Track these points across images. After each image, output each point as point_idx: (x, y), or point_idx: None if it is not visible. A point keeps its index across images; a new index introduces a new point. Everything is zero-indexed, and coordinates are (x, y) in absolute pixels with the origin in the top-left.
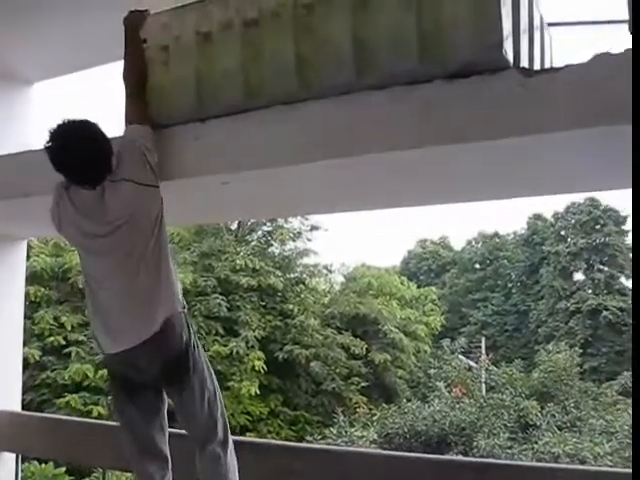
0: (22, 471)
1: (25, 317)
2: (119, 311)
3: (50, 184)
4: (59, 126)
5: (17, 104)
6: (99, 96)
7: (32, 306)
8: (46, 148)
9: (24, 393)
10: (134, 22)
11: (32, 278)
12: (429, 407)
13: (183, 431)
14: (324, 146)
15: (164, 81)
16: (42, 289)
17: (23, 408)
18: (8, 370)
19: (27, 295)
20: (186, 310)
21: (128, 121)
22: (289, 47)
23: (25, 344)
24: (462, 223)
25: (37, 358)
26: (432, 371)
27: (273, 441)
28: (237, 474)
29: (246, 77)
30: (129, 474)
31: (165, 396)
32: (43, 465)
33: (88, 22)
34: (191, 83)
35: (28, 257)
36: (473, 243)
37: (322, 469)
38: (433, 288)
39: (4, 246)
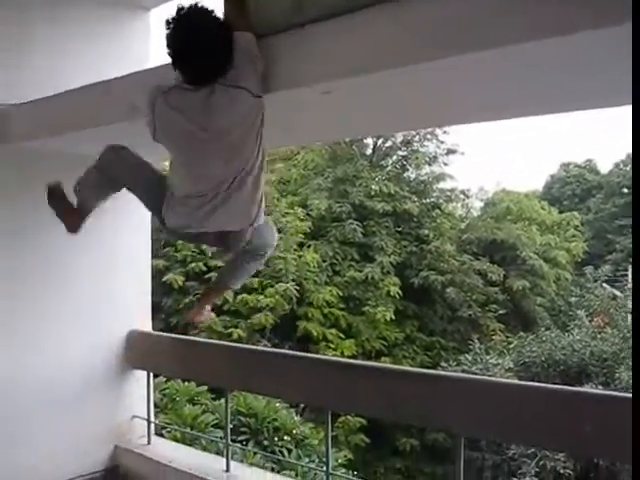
0: (167, 388)
1: (169, 244)
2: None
3: None
4: (179, 12)
5: (136, 29)
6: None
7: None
8: (166, 37)
9: (169, 316)
10: None
11: None
12: (569, 336)
13: None
14: (436, 44)
15: None
16: None
17: (169, 330)
18: (139, 292)
19: None
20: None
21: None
22: None
23: (169, 270)
24: (609, 145)
25: (180, 284)
26: (573, 299)
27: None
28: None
29: None
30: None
31: None
32: (187, 383)
33: None
34: None
35: None
36: (621, 166)
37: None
38: (576, 213)
39: None
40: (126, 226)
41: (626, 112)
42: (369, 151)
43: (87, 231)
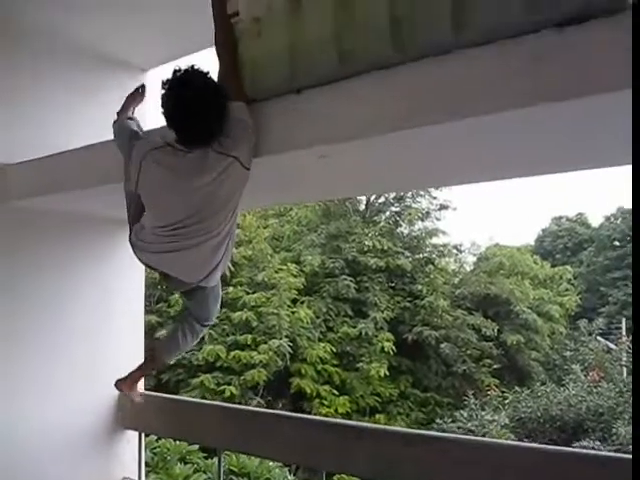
0: (158, 447)
1: (162, 300)
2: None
3: None
4: (175, 73)
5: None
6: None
7: (168, 290)
8: (161, 97)
9: (161, 373)
10: None
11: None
12: (564, 391)
13: None
14: (425, 111)
15: (257, 53)
16: None
17: (160, 387)
18: (132, 350)
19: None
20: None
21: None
22: (383, 7)
23: (162, 326)
24: (599, 199)
25: None
26: (568, 353)
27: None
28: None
29: (339, 43)
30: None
31: None
32: (177, 442)
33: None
34: (284, 53)
35: None
36: (612, 219)
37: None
38: (568, 267)
39: (124, 229)
40: (120, 284)
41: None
42: (362, 207)
43: (81, 290)
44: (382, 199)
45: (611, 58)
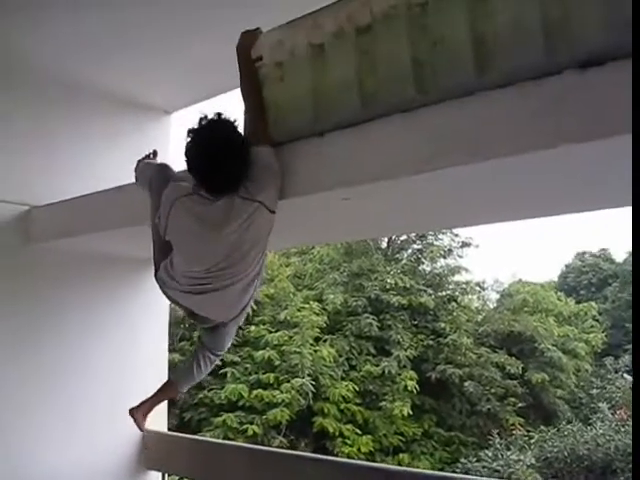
0: None
1: (184, 339)
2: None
3: None
4: (201, 122)
5: (158, 133)
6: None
7: (191, 327)
8: (185, 146)
9: (184, 412)
10: (245, 42)
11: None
12: (592, 430)
13: None
14: (447, 152)
15: (280, 97)
16: None
17: (183, 426)
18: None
19: (185, 318)
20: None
21: (250, 141)
22: (404, 50)
23: None
24: (623, 233)
25: None
26: (594, 391)
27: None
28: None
29: (362, 86)
30: None
31: None
32: None
33: (216, 48)
34: (307, 97)
35: None
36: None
37: None
38: (593, 303)
39: (148, 269)
40: (144, 323)
41: None
42: (384, 245)
43: (105, 329)
44: (404, 237)
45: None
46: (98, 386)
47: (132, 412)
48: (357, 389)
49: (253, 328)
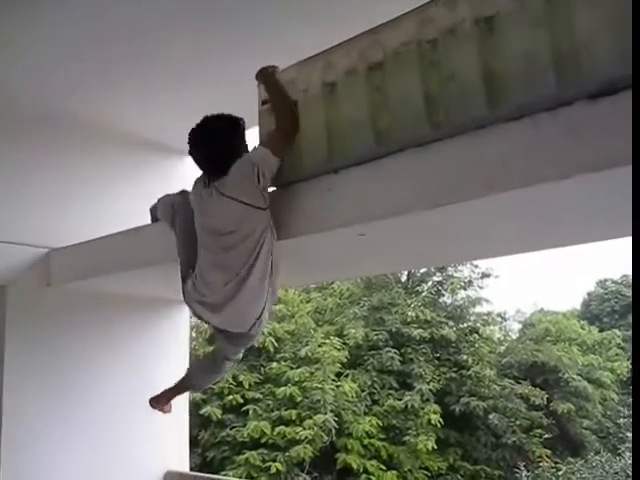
0: None
1: None
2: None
3: None
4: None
5: (174, 174)
6: None
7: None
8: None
9: (206, 450)
10: (267, 71)
11: (210, 338)
12: (620, 460)
13: None
14: (462, 186)
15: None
16: None
17: (205, 465)
18: (177, 432)
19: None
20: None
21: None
22: (416, 87)
23: (206, 403)
24: None
25: (219, 416)
26: (622, 420)
27: None
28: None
29: (375, 123)
30: None
31: None
32: None
33: (231, 90)
34: (322, 135)
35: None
36: None
37: None
38: (617, 331)
39: (168, 309)
40: (162, 361)
41: None
42: (404, 278)
43: (123, 367)
44: (424, 269)
45: None
46: (120, 426)
47: (151, 402)
48: (380, 424)
49: (274, 365)
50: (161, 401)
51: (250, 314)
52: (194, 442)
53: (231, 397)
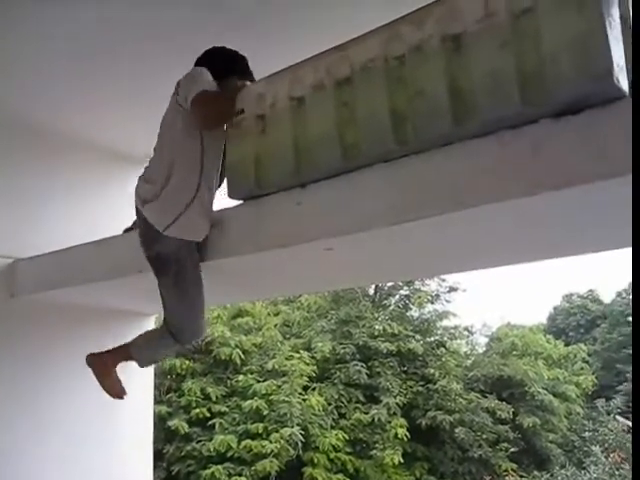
0: None
1: (171, 390)
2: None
3: None
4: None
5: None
6: None
7: (178, 378)
8: None
9: (171, 464)
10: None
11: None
12: (585, 474)
13: None
14: (428, 202)
15: (262, 150)
16: (187, 361)
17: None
18: (141, 446)
19: (173, 368)
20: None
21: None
22: (383, 102)
23: (172, 416)
24: (610, 274)
25: (185, 430)
26: (587, 434)
27: None
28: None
29: (342, 138)
30: None
31: None
32: None
33: None
34: (288, 149)
35: None
36: (624, 294)
37: None
38: (582, 345)
39: (137, 321)
40: (128, 375)
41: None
42: (371, 291)
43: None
44: (391, 283)
45: (610, 145)
46: (80, 435)
47: (89, 357)
48: (347, 438)
49: (241, 377)
50: (98, 361)
51: (169, 210)
52: (159, 456)
53: (198, 410)
